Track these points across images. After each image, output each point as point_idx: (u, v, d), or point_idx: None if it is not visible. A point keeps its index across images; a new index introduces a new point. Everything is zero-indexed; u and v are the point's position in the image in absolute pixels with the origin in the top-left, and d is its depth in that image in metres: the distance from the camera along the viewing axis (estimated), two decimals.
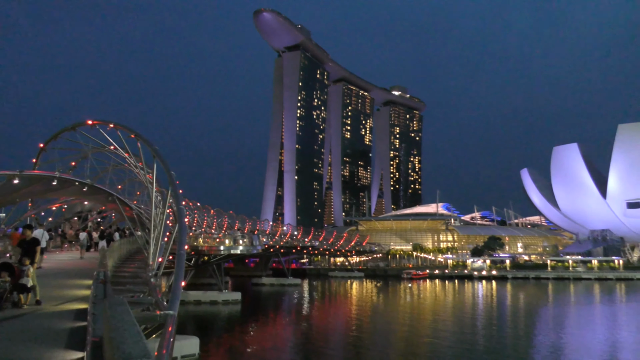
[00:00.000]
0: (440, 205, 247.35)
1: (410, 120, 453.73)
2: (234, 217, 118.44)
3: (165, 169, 28.38)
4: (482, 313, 76.26)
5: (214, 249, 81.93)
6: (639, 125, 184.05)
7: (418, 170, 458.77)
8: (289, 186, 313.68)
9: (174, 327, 9.23)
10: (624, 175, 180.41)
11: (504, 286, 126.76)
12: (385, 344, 50.84)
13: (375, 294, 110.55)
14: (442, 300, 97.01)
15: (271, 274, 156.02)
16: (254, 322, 66.29)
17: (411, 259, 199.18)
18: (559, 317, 72.41)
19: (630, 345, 49.64)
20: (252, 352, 46.41)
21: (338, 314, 76.85)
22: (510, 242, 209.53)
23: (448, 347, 48.03)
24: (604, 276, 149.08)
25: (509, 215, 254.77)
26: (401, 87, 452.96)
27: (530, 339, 53.43)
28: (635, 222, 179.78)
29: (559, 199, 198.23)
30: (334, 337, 56.56)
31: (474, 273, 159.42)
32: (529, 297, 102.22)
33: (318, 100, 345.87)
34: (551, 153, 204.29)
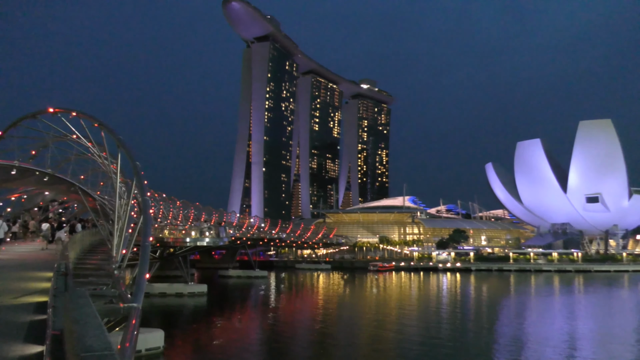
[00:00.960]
0: (407, 199, 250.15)
1: (378, 113, 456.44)
2: (201, 209, 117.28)
3: (130, 159, 27.82)
4: (447, 304, 77.58)
5: (179, 240, 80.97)
6: (599, 123, 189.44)
7: (385, 163, 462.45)
8: (257, 178, 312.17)
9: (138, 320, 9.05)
10: (583, 170, 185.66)
11: (468, 278, 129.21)
12: (352, 336, 51.24)
13: (341, 286, 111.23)
14: (407, 292, 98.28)
15: (238, 266, 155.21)
16: (221, 315, 65.91)
17: (378, 251, 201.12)
18: (520, 308, 74.27)
19: (586, 335, 51.30)
20: (219, 344, 46.17)
21: (305, 306, 77.05)
22: (474, 235, 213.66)
23: (413, 338, 48.71)
24: (563, 268, 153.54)
25: (474, 208, 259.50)
26: (370, 81, 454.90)
27: (493, 329, 54.63)
28: (593, 216, 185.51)
29: (522, 193, 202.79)
30: (301, 329, 56.71)
31: (439, 265, 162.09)
32: (492, 289, 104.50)
33: (287, 92, 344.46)
34: (515, 148, 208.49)
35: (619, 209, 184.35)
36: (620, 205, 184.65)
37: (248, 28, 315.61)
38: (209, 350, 43.47)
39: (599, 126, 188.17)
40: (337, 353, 43.11)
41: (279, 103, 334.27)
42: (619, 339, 48.00)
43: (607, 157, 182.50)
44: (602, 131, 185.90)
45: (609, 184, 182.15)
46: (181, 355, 41.44)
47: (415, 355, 40.91)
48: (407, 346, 44.71)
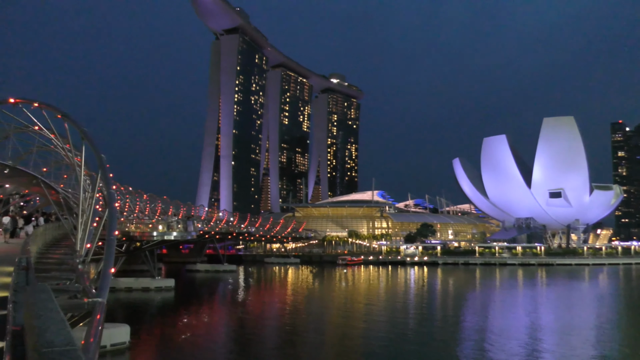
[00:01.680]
0: (376, 193, 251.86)
1: (348, 108, 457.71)
2: (168, 203, 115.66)
3: (95, 151, 27.22)
4: (414, 298, 78.62)
5: (146, 234, 79.76)
6: (563, 119, 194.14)
7: (355, 157, 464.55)
8: (226, 172, 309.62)
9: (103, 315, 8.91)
10: (547, 166, 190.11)
11: (435, 271, 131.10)
12: (320, 329, 51.48)
13: (310, 280, 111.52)
14: (375, 286, 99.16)
15: (206, 261, 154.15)
16: (188, 309, 65.31)
17: (347, 245, 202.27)
18: (485, 301, 75.80)
19: (547, 327, 52.70)
20: (186, 339, 45.76)
21: (273, 300, 76.99)
22: (441, 229, 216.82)
23: (380, 331, 49.22)
24: (527, 262, 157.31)
25: (441, 203, 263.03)
26: (340, 75, 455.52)
27: (458, 322, 55.61)
28: (556, 211, 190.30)
29: (488, 188, 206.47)
30: (269, 323, 56.66)
31: (406, 259, 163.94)
32: (458, 282, 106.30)
33: (256, 85, 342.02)
34: (482, 144, 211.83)
35: (581, 204, 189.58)
36: (582, 200, 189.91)
37: (217, 20, 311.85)
38: (176, 345, 43.06)
39: (562, 123, 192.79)
40: (305, 347, 43.25)
41: (249, 96, 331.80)
42: (578, 331, 49.50)
43: (570, 153, 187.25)
44: (565, 128, 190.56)
45: (571, 179, 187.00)
46: (147, 351, 40.94)
47: (382, 348, 41.33)
48: (374, 339, 45.14)
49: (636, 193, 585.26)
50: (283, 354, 41.03)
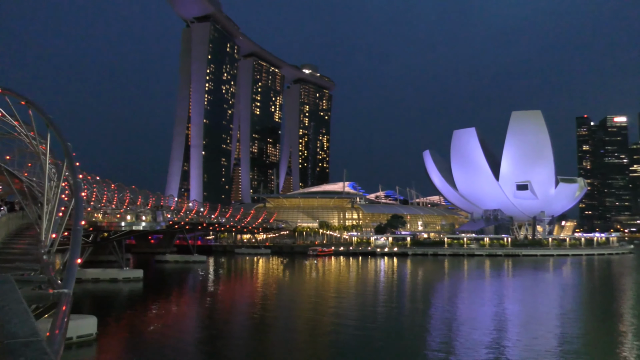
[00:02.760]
0: (347, 184, 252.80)
1: (319, 99, 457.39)
2: (137, 192, 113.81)
3: (61, 139, 26.56)
4: (383, 288, 79.45)
5: (114, 224, 78.54)
6: (531, 113, 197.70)
7: (326, 148, 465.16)
8: (196, 161, 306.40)
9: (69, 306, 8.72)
10: (515, 159, 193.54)
11: (405, 262, 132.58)
12: (290, 320, 51.62)
13: (281, 271, 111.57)
14: (346, 277, 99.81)
15: (176, 251, 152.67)
16: (157, 300, 64.65)
17: (317, 236, 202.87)
18: (452, 292, 77.10)
19: (513, 316, 53.95)
20: (154, 330, 45.32)
21: (243, 291, 76.81)
22: (411, 221, 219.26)
23: (350, 321, 49.61)
24: (494, 252, 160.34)
25: (411, 194, 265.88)
26: (312, 66, 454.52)
27: (427, 312, 56.47)
28: (522, 203, 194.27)
29: (457, 180, 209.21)
30: (239, 314, 56.53)
31: (377, 250, 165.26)
32: (427, 273, 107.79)
33: (227, 74, 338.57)
34: (451, 136, 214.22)
35: (546, 197, 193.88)
36: (548, 192, 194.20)
37: (187, 7, 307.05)
38: (144, 336, 42.61)
39: (529, 117, 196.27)
40: (275, 337, 43.33)
41: (220, 85, 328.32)
42: (542, 321, 50.80)
43: (537, 146, 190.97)
44: (533, 122, 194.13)
45: (538, 172, 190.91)
46: (115, 342, 40.41)
47: (352, 338, 41.70)
48: (344, 329, 45.49)
49: (599, 186, 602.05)
50: (252, 344, 41.03)
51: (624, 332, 44.54)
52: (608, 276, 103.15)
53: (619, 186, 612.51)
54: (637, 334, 43.61)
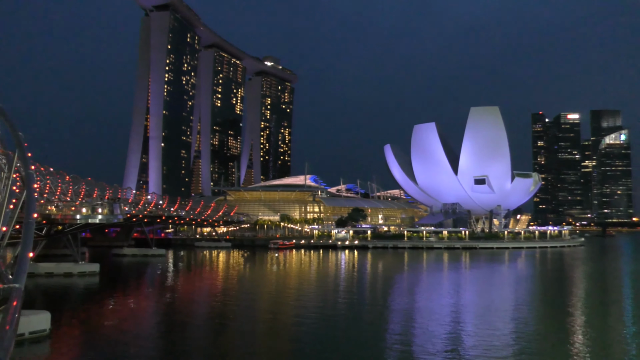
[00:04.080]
0: (308, 177, 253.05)
1: (281, 91, 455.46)
2: (93, 184, 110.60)
3: (12, 129, 25.55)
4: (344, 281, 79.97)
5: (69, 217, 76.31)
6: (489, 109, 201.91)
7: (288, 142, 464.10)
8: (155, 153, 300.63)
9: (20, 301, 8.37)
10: (473, 154, 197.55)
11: (365, 255, 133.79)
12: (250, 314, 51.34)
13: (242, 264, 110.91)
14: (307, 270, 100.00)
15: (133, 244, 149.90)
16: (113, 295, 63.25)
17: (279, 229, 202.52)
18: (411, 284, 78.29)
19: (469, 307, 55.20)
20: (110, 325, 44.30)
21: (203, 285, 75.99)
22: (372, 214, 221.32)
23: (311, 314, 49.72)
24: (452, 245, 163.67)
25: (372, 188, 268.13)
26: (274, 58, 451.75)
27: (386, 304, 57.16)
28: (480, 197, 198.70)
29: (417, 174, 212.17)
30: (198, 309, 55.88)
31: (338, 243, 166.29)
32: (387, 266, 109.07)
33: (188, 65, 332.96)
34: (412, 131, 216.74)
35: (503, 191, 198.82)
36: (504, 187, 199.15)
37: None
38: (99, 331, 41.60)
39: (487, 113, 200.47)
40: (235, 332, 43.01)
41: (180, 76, 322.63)
42: (498, 311, 52.15)
43: (494, 142, 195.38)
44: (490, 117, 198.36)
45: (495, 167, 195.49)
46: (69, 338, 39.30)
47: (312, 331, 41.79)
48: (305, 322, 45.56)
49: (553, 181, 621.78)
50: (212, 338, 40.63)
51: (575, 321, 46.16)
52: (560, 268, 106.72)
53: (571, 181, 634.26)
54: (587, 323, 45.27)
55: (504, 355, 33.74)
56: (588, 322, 45.98)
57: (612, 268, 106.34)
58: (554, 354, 34.58)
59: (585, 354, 34.19)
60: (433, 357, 33.09)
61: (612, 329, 43.57)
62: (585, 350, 35.19)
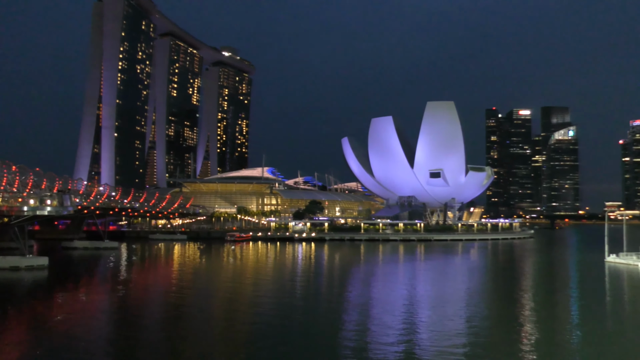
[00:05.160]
0: (266, 170, 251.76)
1: (239, 82, 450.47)
2: (42, 175, 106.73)
3: None
4: (301, 273, 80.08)
5: (15, 209, 73.53)
6: (445, 104, 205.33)
7: (245, 133, 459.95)
8: (108, 143, 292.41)
9: None
10: (428, 147, 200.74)
11: (322, 248, 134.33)
12: (206, 307, 50.70)
13: (197, 257, 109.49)
14: (263, 262, 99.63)
15: (85, 237, 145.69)
16: (63, 289, 61.30)
17: (235, 221, 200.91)
18: (367, 276, 79.12)
19: (423, 298, 56.22)
20: (60, 321, 42.89)
21: (158, 278, 74.61)
22: (329, 206, 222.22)
23: (268, 307, 49.57)
24: (408, 237, 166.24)
25: (330, 180, 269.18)
26: (232, 48, 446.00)
27: (342, 296, 57.52)
28: (435, 190, 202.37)
29: (374, 167, 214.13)
30: (152, 303, 54.82)
31: (295, 235, 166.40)
32: (344, 258, 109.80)
33: (143, 53, 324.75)
34: (369, 124, 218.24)
35: (457, 184, 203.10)
36: (458, 180, 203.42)
37: None
38: (48, 327, 40.21)
39: (443, 107, 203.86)
40: (190, 326, 42.40)
41: (134, 65, 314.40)
42: (451, 302, 53.31)
43: (449, 136, 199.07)
44: (446, 112, 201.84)
45: (450, 161, 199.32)
46: (17, 334, 37.85)
47: (269, 324, 41.63)
48: (261, 315, 45.38)
49: (505, 175, 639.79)
50: (166, 333, 39.91)
51: (524, 310, 47.62)
52: (510, 259, 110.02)
53: (522, 175, 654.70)
54: (535, 311, 46.79)
55: (457, 344, 34.48)
56: (536, 311, 47.52)
57: (559, 259, 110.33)
58: (504, 342, 35.57)
59: (533, 341, 35.30)
60: (388, 347, 33.50)
61: (558, 316, 45.18)
62: (533, 337, 36.34)
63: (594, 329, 40.41)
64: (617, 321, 44.19)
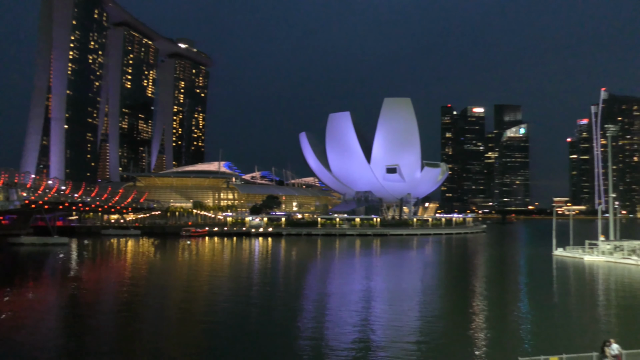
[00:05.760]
0: (223, 164, 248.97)
1: (196, 75, 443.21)
2: None
3: None
4: (258, 269, 79.57)
5: None
6: (401, 100, 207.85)
7: (202, 127, 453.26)
8: (57, 136, 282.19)
9: None
10: (385, 143, 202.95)
11: (279, 243, 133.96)
12: (160, 305, 49.69)
13: (152, 253, 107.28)
14: (219, 258, 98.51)
15: (32, 233, 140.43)
16: (9, 287, 58.78)
17: (191, 216, 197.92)
18: (324, 271, 79.36)
19: (379, 292, 56.76)
20: (4, 320, 41.11)
21: (110, 275, 72.62)
22: (286, 201, 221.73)
23: (224, 304, 48.99)
24: (364, 232, 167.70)
25: (287, 175, 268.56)
26: (188, 40, 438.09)
27: (299, 292, 57.47)
28: (391, 185, 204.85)
29: (331, 162, 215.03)
30: (104, 301, 53.30)
31: (252, 230, 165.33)
32: (301, 253, 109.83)
33: (95, 43, 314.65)
34: (327, 119, 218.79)
35: (413, 180, 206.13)
36: (414, 176, 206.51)
37: None
38: None
39: (400, 104, 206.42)
40: (143, 323, 41.44)
41: (86, 55, 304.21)
42: (405, 295, 54.01)
43: (405, 132, 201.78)
44: (403, 108, 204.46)
45: (406, 156, 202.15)
46: None
47: (225, 321, 41.15)
48: (218, 312, 44.81)
49: (459, 171, 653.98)
50: (118, 333, 38.84)
51: (476, 302, 48.71)
52: (463, 254, 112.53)
53: (476, 171, 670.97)
54: (487, 303, 47.93)
55: (412, 337, 34.94)
56: (487, 303, 48.70)
57: (510, 253, 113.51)
58: (456, 333, 36.25)
59: (485, 332, 36.14)
60: (344, 343, 33.62)
61: (508, 307, 46.36)
62: (484, 328, 37.21)
63: (542, 317, 41.71)
64: (565, 311, 45.72)
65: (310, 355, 31.22)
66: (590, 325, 39.96)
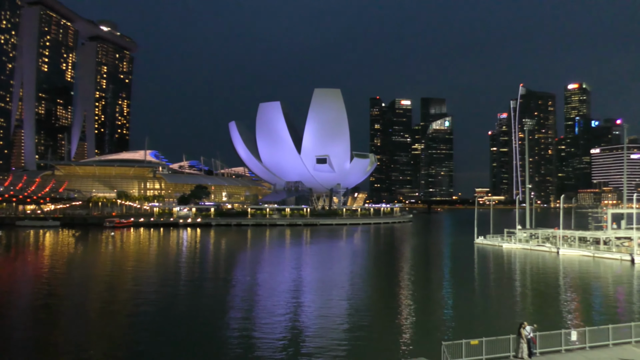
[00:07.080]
0: (149, 153, 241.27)
1: (120, 60, 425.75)
2: None
3: None
4: (186, 260, 77.74)
5: None
6: (331, 91, 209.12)
7: (127, 114, 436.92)
8: None
9: None
10: (315, 134, 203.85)
11: (208, 233, 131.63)
12: (81, 300, 47.36)
13: (72, 245, 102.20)
14: (145, 249, 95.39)
15: None
16: None
17: (115, 206, 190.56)
18: (254, 261, 78.72)
19: (309, 281, 56.98)
20: None
21: (25, 270, 68.41)
22: (216, 191, 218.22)
23: (148, 297, 47.42)
24: (294, 222, 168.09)
25: (216, 165, 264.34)
26: (111, 23, 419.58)
27: (229, 282, 56.60)
28: (321, 175, 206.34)
29: (262, 152, 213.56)
30: (19, 298, 50.05)
31: (179, 221, 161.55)
32: (230, 243, 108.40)
33: (7, 22, 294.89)
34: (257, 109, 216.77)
35: (342, 170, 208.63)
36: (344, 166, 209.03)
37: None
38: None
39: (330, 95, 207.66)
40: (63, 323, 39.30)
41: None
42: (334, 285, 54.46)
43: (335, 123, 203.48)
44: (333, 99, 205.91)
45: (336, 147, 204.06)
46: None
47: (149, 316, 39.78)
48: (141, 305, 43.28)
49: (387, 161, 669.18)
50: (35, 326, 36.56)
51: (403, 289, 49.92)
52: (391, 242, 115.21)
53: (403, 162, 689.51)
54: (413, 290, 49.25)
55: (340, 322, 35.20)
56: (414, 290, 50.09)
57: (435, 241, 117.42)
58: (384, 320, 36.88)
59: (411, 318, 37.06)
60: (272, 334, 33.34)
61: (433, 294, 47.87)
62: (411, 315, 38.18)
63: (464, 302, 43.34)
64: (485, 296, 47.74)
65: (238, 345, 30.73)
66: (508, 310, 41.91)
